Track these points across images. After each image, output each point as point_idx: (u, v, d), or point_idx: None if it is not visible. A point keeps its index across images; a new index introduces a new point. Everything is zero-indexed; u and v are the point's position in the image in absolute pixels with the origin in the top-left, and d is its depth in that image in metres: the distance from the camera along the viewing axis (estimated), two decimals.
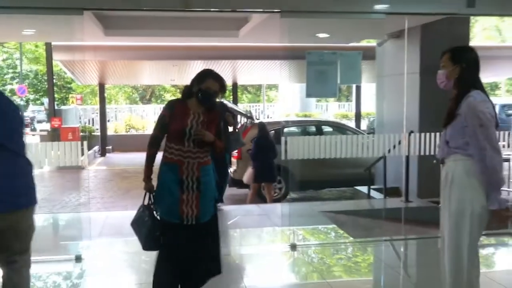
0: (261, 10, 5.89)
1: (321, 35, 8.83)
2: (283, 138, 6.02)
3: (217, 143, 3.95)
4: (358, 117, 20.27)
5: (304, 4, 5.73)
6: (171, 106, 3.98)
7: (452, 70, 3.38)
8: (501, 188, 3.24)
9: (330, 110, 28.33)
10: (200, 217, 3.92)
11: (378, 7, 5.92)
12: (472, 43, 9.61)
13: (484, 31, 30.36)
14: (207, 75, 3.94)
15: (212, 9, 5.71)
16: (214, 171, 4.40)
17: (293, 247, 5.92)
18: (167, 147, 3.93)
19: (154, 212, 3.99)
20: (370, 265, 5.82)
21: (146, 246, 4.03)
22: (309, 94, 6.03)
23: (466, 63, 3.35)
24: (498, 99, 25.59)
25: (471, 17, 8.82)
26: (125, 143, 20.62)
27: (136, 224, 4.06)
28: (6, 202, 3.31)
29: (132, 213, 6.14)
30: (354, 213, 7.94)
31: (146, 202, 4.04)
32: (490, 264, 5.73)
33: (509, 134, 7.61)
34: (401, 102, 8.13)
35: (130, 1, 5.66)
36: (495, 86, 33.92)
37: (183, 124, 3.85)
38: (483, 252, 5.59)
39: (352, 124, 19.55)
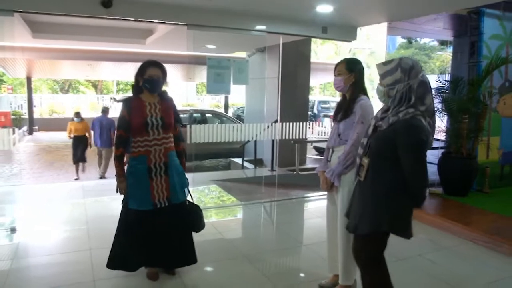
0: (171, 22, 5.01)
1: (210, 46, 8.11)
2: (188, 126, 5.23)
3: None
4: (226, 106, 19.99)
5: (207, 20, 4.97)
6: (127, 104, 2.96)
7: (348, 78, 2.86)
8: (342, 168, 2.82)
9: (206, 101, 27.44)
10: (171, 199, 3.03)
11: (261, 27, 5.36)
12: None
13: None
14: (146, 65, 2.97)
15: (131, 19, 4.70)
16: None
17: None
18: (133, 143, 2.96)
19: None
20: (255, 222, 5.26)
21: None
22: (209, 91, 5.31)
23: (358, 73, 2.86)
24: (316, 97, 26.59)
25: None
26: (48, 124, 18.87)
27: None
28: None
29: (60, 184, 4.99)
30: (236, 180, 7.36)
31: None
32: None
33: (321, 122, 7.49)
34: (265, 98, 7.74)
35: (58, 6, 4.47)
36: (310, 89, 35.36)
37: (143, 116, 2.92)
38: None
39: (222, 111, 19.14)
